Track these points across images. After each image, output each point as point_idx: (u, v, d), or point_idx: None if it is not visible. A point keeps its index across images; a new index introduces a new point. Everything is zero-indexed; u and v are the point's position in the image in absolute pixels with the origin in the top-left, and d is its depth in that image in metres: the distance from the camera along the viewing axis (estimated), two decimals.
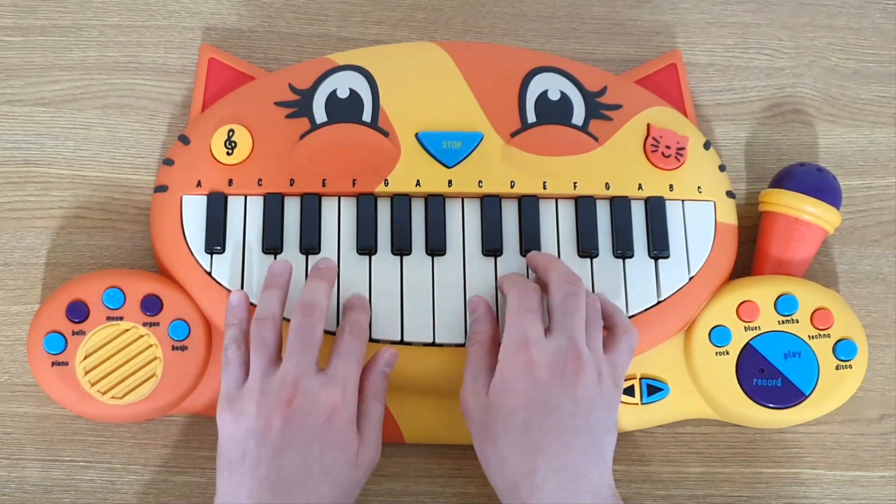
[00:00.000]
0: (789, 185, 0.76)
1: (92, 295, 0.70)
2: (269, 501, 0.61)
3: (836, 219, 0.76)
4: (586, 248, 0.73)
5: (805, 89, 0.84)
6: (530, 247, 0.73)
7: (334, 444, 0.63)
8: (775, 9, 0.86)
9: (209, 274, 0.72)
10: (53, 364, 0.69)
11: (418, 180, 0.74)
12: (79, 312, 0.70)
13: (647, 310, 0.73)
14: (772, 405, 0.72)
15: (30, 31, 0.82)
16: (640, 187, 0.75)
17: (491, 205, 0.74)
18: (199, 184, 0.73)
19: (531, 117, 0.76)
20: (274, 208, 0.73)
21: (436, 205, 0.73)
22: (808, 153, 0.82)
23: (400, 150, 0.74)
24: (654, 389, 0.73)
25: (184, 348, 0.70)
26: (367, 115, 0.75)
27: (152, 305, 0.70)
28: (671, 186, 0.75)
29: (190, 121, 0.77)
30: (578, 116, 0.76)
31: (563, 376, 0.64)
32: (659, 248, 0.74)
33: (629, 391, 0.73)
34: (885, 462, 0.75)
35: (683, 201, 0.75)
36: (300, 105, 0.76)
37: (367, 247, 0.72)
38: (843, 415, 0.75)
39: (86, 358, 0.70)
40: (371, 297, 0.71)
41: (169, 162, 0.75)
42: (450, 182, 0.74)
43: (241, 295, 0.69)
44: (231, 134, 0.74)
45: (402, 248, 0.72)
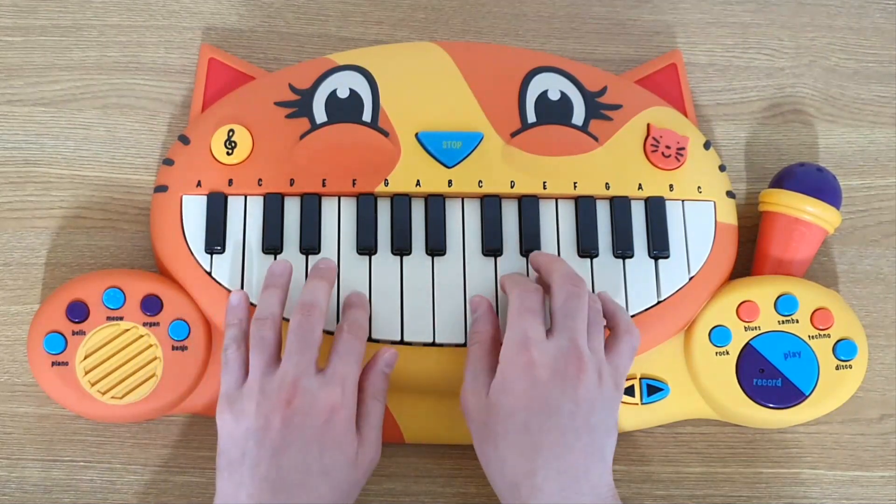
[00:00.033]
0: (789, 185, 0.76)
1: (92, 295, 0.70)
2: (268, 501, 0.61)
3: (836, 219, 0.76)
4: (586, 248, 0.73)
5: (805, 89, 0.84)
6: (530, 247, 0.73)
7: (334, 444, 0.63)
8: (775, 9, 0.86)
9: (209, 274, 0.72)
10: (53, 364, 0.69)
11: (418, 180, 0.74)
12: (79, 312, 0.70)
13: (647, 310, 0.73)
14: (772, 405, 0.72)
15: (30, 31, 0.82)
16: (640, 187, 0.75)
17: (491, 205, 0.74)
18: (199, 184, 0.73)
19: (531, 117, 0.76)
20: (274, 208, 0.73)
21: (436, 205, 0.73)
22: (808, 153, 0.82)
23: (400, 150, 0.74)
24: (654, 389, 0.73)
25: (184, 348, 0.70)
26: (367, 115, 0.75)
27: (152, 305, 0.70)
28: (671, 186, 0.75)
29: (190, 121, 0.77)
30: (578, 116, 0.76)
31: (563, 377, 0.64)
32: (659, 248, 0.74)
33: (629, 391, 0.73)
34: (885, 462, 0.75)
35: (683, 201, 0.75)
36: (300, 105, 0.76)
37: (367, 247, 0.72)
38: (843, 415, 0.75)
39: (86, 358, 0.70)
40: (371, 297, 0.71)
41: (169, 162, 0.75)
42: (450, 182, 0.74)
43: (241, 295, 0.69)
44: (231, 134, 0.74)
45: (402, 248, 0.72)
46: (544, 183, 0.74)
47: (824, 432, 0.75)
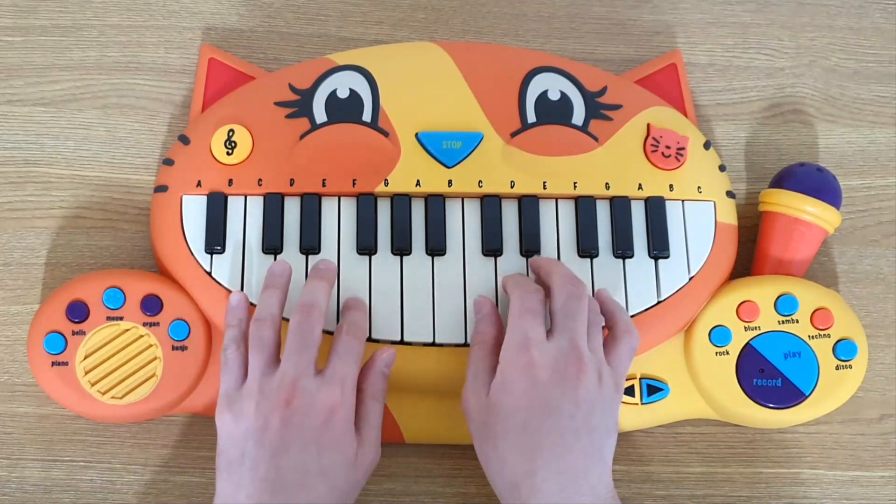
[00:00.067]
0: (789, 185, 0.76)
1: (92, 295, 0.70)
2: (268, 501, 0.61)
3: (836, 219, 0.76)
4: (586, 248, 0.73)
5: (805, 89, 0.84)
6: (530, 247, 0.73)
7: (333, 445, 0.63)
8: (775, 9, 0.86)
9: (209, 274, 0.72)
10: (53, 364, 0.69)
11: (418, 180, 0.74)
12: (79, 312, 0.70)
13: (647, 310, 0.72)
14: (772, 405, 0.72)
15: (30, 31, 0.82)
16: (640, 187, 0.75)
17: (491, 205, 0.74)
18: (199, 184, 0.73)
19: (531, 117, 0.76)
20: (274, 208, 0.73)
21: (436, 205, 0.73)
22: (808, 153, 0.82)
23: (400, 150, 0.74)
24: (654, 389, 0.73)
25: (184, 348, 0.70)
26: (367, 115, 0.75)
27: (152, 305, 0.70)
28: (671, 186, 0.75)
29: (190, 121, 0.77)
30: (578, 116, 0.76)
31: (563, 378, 0.64)
32: (659, 248, 0.74)
33: (629, 391, 0.73)
34: (885, 462, 0.75)
35: (683, 201, 0.75)
36: (300, 105, 0.76)
37: (367, 247, 0.72)
38: (843, 415, 0.75)
39: (86, 358, 0.70)
40: (371, 297, 0.71)
41: (169, 162, 0.75)
42: (450, 182, 0.74)
43: (241, 296, 0.69)
44: (231, 134, 0.74)
45: (402, 248, 0.72)
46: (544, 183, 0.74)
47: (824, 432, 0.75)
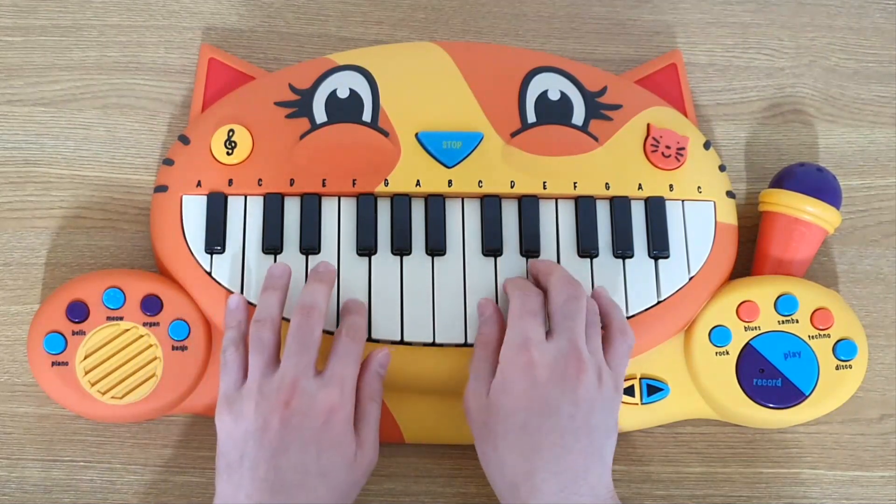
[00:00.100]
0: (789, 185, 0.76)
1: (92, 295, 0.70)
2: (267, 502, 0.61)
3: (836, 219, 0.76)
4: (586, 248, 0.73)
5: (805, 89, 0.84)
6: (530, 247, 0.73)
7: (332, 445, 0.63)
8: (775, 9, 0.86)
9: (209, 274, 0.72)
10: (53, 364, 0.69)
11: (418, 180, 0.74)
12: (79, 312, 0.70)
13: (647, 310, 0.72)
14: (772, 405, 0.72)
15: (30, 31, 0.82)
16: (640, 187, 0.75)
17: (491, 205, 0.74)
18: (199, 184, 0.73)
19: (531, 117, 0.76)
20: (274, 208, 0.73)
21: (436, 205, 0.73)
22: (808, 153, 0.82)
23: (400, 150, 0.74)
24: (654, 389, 0.73)
25: (184, 348, 0.70)
26: (367, 115, 0.75)
27: (152, 305, 0.70)
28: (671, 186, 0.75)
29: (190, 121, 0.77)
30: (578, 116, 0.76)
31: (563, 378, 0.64)
32: (659, 248, 0.74)
33: (629, 391, 0.73)
34: (885, 462, 0.75)
35: (683, 201, 0.75)
36: (300, 105, 0.76)
37: (367, 247, 0.72)
38: (843, 415, 0.75)
39: (86, 358, 0.70)
40: (371, 298, 0.71)
41: (169, 162, 0.75)
42: (450, 182, 0.74)
43: (240, 298, 0.70)
44: (231, 134, 0.74)
45: (402, 248, 0.72)
46: (544, 183, 0.74)
47: (824, 432, 0.75)
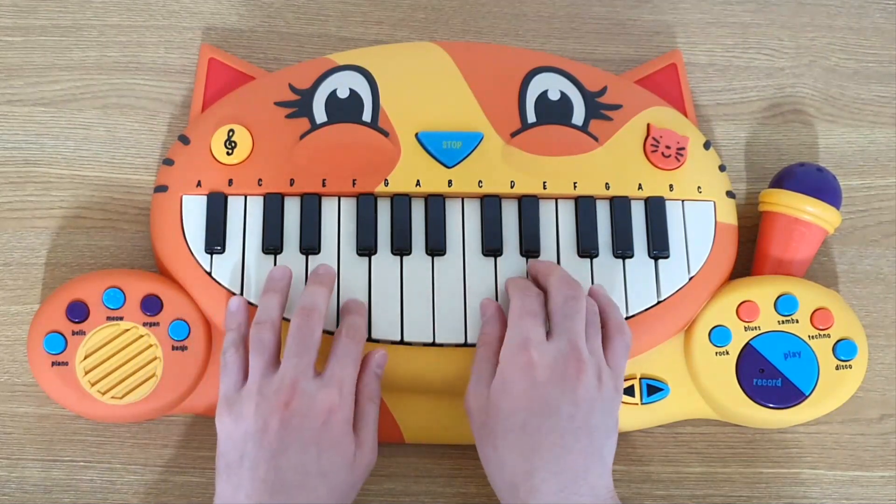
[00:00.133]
0: (789, 185, 0.76)
1: (92, 295, 0.70)
2: (267, 502, 0.61)
3: (836, 219, 0.76)
4: (586, 248, 0.73)
5: (805, 89, 0.84)
6: (530, 247, 0.73)
7: (331, 446, 0.63)
8: (775, 9, 0.86)
9: (209, 274, 0.72)
10: (53, 364, 0.69)
11: (418, 180, 0.74)
12: (79, 312, 0.70)
13: (647, 310, 0.72)
14: (772, 405, 0.72)
15: (30, 31, 0.82)
16: (640, 187, 0.75)
17: (491, 205, 0.74)
18: (199, 184, 0.73)
19: (531, 117, 0.76)
20: (274, 208, 0.73)
21: (436, 205, 0.73)
22: (808, 153, 0.82)
23: (400, 150, 0.74)
24: (654, 389, 0.73)
25: (184, 348, 0.70)
26: (367, 115, 0.75)
27: (152, 305, 0.70)
28: (671, 186, 0.75)
29: (190, 121, 0.77)
30: (578, 116, 0.76)
31: (563, 378, 0.64)
32: (659, 248, 0.74)
33: (629, 391, 0.73)
34: (885, 462, 0.75)
35: (683, 201, 0.75)
36: (300, 105, 0.76)
37: (367, 247, 0.72)
38: (843, 415, 0.75)
39: (86, 358, 0.70)
40: (371, 298, 0.71)
41: (169, 162, 0.75)
42: (450, 182, 0.74)
43: (240, 300, 0.70)
44: (231, 134, 0.74)
45: (402, 248, 0.72)
46: (544, 183, 0.74)
47: (824, 432, 0.75)
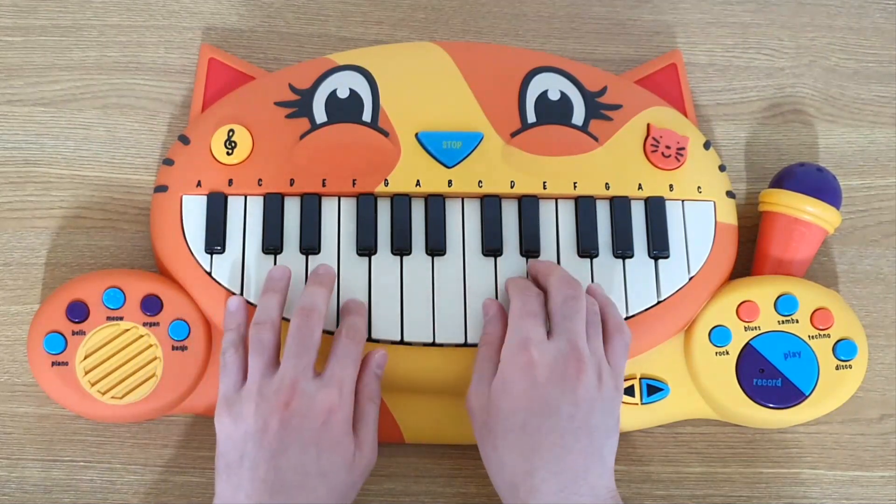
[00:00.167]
0: (789, 185, 0.76)
1: (92, 295, 0.70)
2: (267, 502, 0.61)
3: (836, 219, 0.76)
4: (586, 249, 0.73)
5: (805, 89, 0.84)
6: (530, 247, 0.73)
7: (331, 446, 0.63)
8: (775, 9, 0.86)
9: (209, 274, 0.72)
10: (53, 364, 0.69)
11: (418, 180, 0.74)
12: (79, 312, 0.70)
13: (647, 310, 0.72)
14: (772, 405, 0.72)
15: (30, 31, 0.82)
16: (640, 187, 0.75)
17: (491, 205, 0.74)
18: (199, 184, 0.73)
19: (531, 117, 0.76)
20: (274, 208, 0.73)
21: (436, 205, 0.73)
22: (808, 153, 0.82)
23: (400, 150, 0.74)
24: (654, 389, 0.73)
25: (184, 348, 0.70)
26: (367, 115, 0.75)
27: (152, 305, 0.70)
28: (671, 186, 0.75)
29: (190, 121, 0.77)
30: (578, 116, 0.76)
31: (563, 378, 0.64)
32: (659, 248, 0.74)
33: (629, 391, 0.73)
34: (885, 462, 0.75)
35: (683, 201, 0.75)
36: (300, 105, 0.76)
37: (367, 247, 0.72)
38: (843, 415, 0.75)
39: (86, 358, 0.70)
40: (371, 297, 0.71)
41: (169, 162, 0.75)
42: (450, 182, 0.74)
43: (239, 300, 0.70)
44: (231, 134, 0.74)
45: (402, 248, 0.72)
46: (544, 183, 0.74)
47: (824, 432, 0.75)
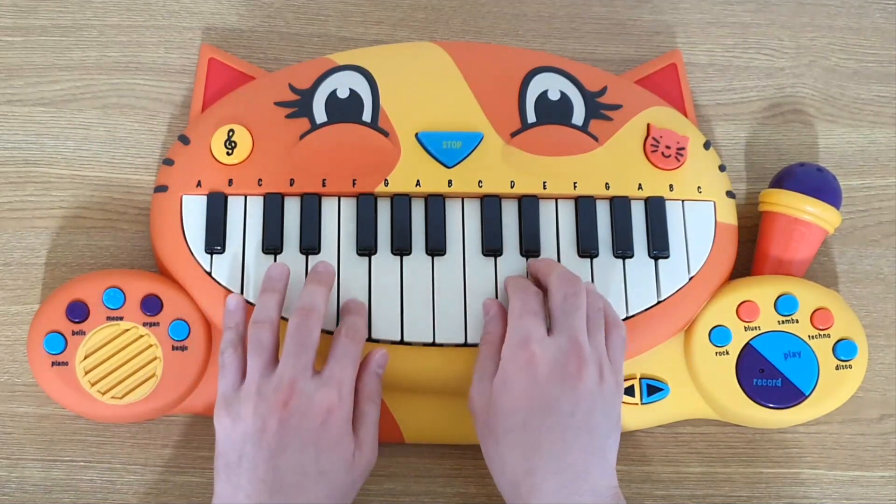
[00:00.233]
0: (789, 185, 0.76)
1: (92, 295, 0.70)
2: (266, 502, 0.61)
3: (836, 219, 0.76)
4: (586, 249, 0.73)
5: (805, 89, 0.84)
6: (530, 247, 0.73)
7: (330, 446, 0.63)
8: (775, 9, 0.86)
9: (209, 274, 0.72)
10: (53, 364, 0.69)
11: (418, 180, 0.74)
12: (79, 312, 0.70)
13: (647, 310, 0.72)
14: (772, 405, 0.72)
15: (30, 31, 0.82)
16: (640, 187, 0.75)
17: (491, 205, 0.74)
18: (199, 184, 0.73)
19: (531, 117, 0.76)
20: (274, 208, 0.73)
21: (436, 205, 0.73)
22: (808, 153, 0.82)
23: (400, 150, 0.74)
24: (654, 389, 0.73)
25: (184, 348, 0.70)
26: (367, 115, 0.75)
27: (152, 305, 0.70)
28: (671, 186, 0.75)
29: (190, 121, 0.77)
30: (578, 116, 0.76)
31: (563, 375, 0.64)
32: (659, 248, 0.74)
33: (629, 391, 0.73)
34: (885, 462, 0.75)
35: (683, 201, 0.75)
36: (300, 105, 0.76)
37: (367, 247, 0.72)
38: (843, 415, 0.75)
39: (86, 358, 0.70)
40: (371, 298, 0.71)
41: (169, 162, 0.75)
42: (450, 182, 0.74)
43: (238, 299, 0.70)
44: (231, 134, 0.74)
45: (402, 248, 0.72)
46: (544, 183, 0.74)
47: (824, 432, 0.75)
